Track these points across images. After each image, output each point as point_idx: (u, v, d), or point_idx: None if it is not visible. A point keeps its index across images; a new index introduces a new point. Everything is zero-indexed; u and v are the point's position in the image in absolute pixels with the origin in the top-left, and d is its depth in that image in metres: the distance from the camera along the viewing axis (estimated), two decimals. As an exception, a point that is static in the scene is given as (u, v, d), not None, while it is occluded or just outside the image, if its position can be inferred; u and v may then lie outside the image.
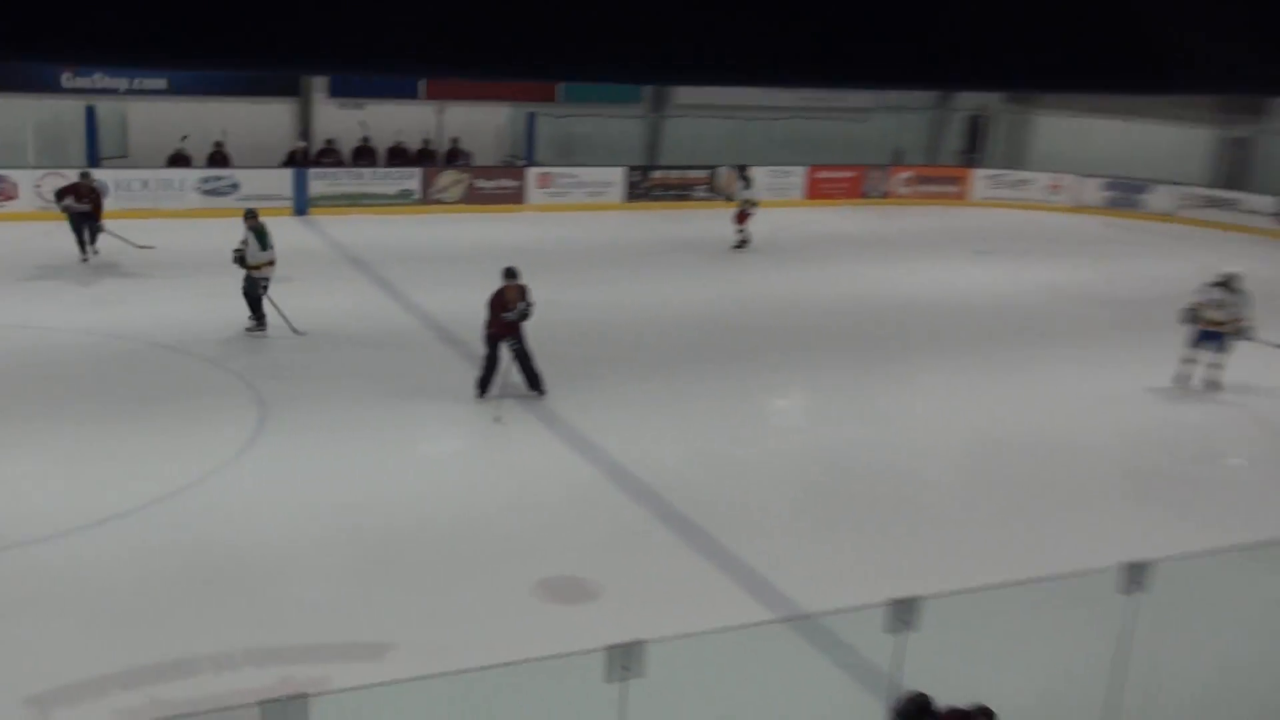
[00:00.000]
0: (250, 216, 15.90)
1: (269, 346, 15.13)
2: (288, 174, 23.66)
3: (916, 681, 6.54)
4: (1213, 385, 14.64)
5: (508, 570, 9.69)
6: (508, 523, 10.59)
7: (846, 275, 21.07)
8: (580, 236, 22.90)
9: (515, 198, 25.13)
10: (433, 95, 25.48)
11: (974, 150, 30.69)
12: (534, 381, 13.37)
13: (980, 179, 29.16)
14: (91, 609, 8.82)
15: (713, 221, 25.01)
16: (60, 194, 18.73)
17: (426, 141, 25.81)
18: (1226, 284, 14.50)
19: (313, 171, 23.86)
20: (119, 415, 12.56)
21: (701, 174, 26.73)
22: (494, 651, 5.63)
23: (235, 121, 24.14)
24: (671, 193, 26.49)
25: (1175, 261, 22.56)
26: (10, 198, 21.67)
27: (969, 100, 29.92)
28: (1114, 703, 6.42)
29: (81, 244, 18.62)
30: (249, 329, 15.71)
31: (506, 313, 13.02)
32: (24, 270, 18.32)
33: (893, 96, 28.24)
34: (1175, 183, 28.19)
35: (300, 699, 4.38)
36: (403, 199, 24.30)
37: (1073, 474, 12.62)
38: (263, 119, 24.62)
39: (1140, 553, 6.17)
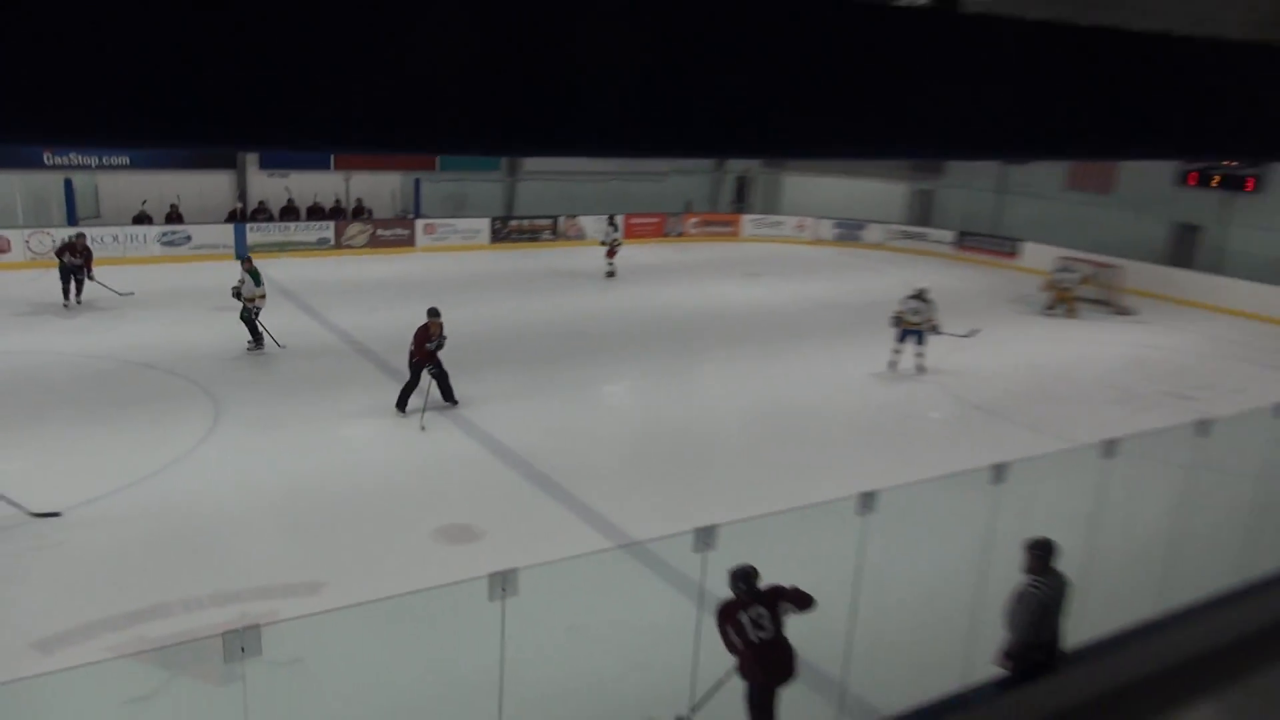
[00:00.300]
0: (246, 261, 15.35)
1: (223, 360, 14.49)
2: (229, 228, 22.82)
3: (718, 590, 6.64)
4: (920, 368, 15.25)
5: (413, 522, 9.53)
6: (412, 487, 10.42)
7: (657, 294, 21.29)
8: (459, 271, 22.62)
9: (408, 242, 24.71)
10: (341, 166, 24.94)
11: (742, 201, 31.33)
12: (448, 395, 12.94)
13: (747, 222, 29.76)
14: (82, 571, 8.41)
15: (556, 257, 25.03)
16: (60, 250, 17.55)
17: (338, 201, 25.21)
18: (919, 296, 15.14)
19: (249, 225, 23.05)
20: (97, 418, 11.91)
21: (546, 221, 26.71)
22: (404, 583, 5.52)
23: (186, 188, 23.24)
24: (525, 235, 26.42)
25: (886, 278, 23.44)
26: (4, 251, 20.37)
27: (736, 165, 30.63)
28: (855, 598, 6.62)
29: (65, 291, 17.39)
30: (249, 349, 15.07)
31: (429, 343, 12.55)
32: (15, 308, 17.21)
33: (683, 162, 28.79)
34: (883, 222, 29.27)
35: (254, 629, 4.22)
36: (321, 245, 23.69)
37: (821, 430, 13.01)
38: (208, 186, 23.77)
39: (870, 484, 6.36)
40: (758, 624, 5.99)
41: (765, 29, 2.90)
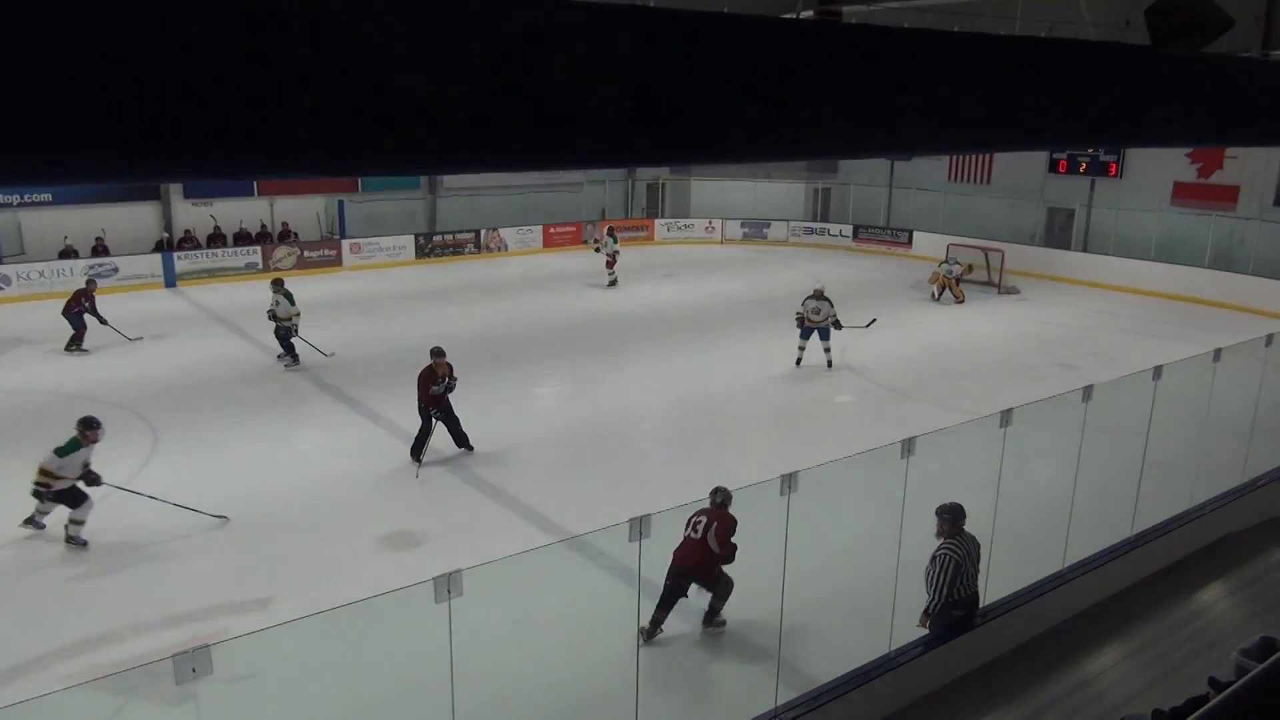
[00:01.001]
0: (278, 285, 15.26)
1: (158, 388, 14.01)
2: (157, 258, 22.06)
3: (656, 576, 6.67)
4: (828, 363, 15.38)
5: (357, 533, 9.37)
6: (354, 499, 10.23)
7: (578, 298, 21.23)
8: (386, 287, 22.25)
9: (335, 262, 24.23)
10: (264, 192, 24.30)
11: (654, 206, 31.48)
12: (461, 440, 11.35)
13: (660, 225, 29.89)
14: (30, 602, 8.06)
15: (479, 269, 24.80)
16: (79, 307, 16.09)
17: (264, 226, 24.56)
18: (818, 295, 15.33)
19: (177, 254, 22.33)
20: (37, 453, 11.40)
21: (469, 235, 26.45)
22: (352, 592, 5.42)
23: (111, 221, 22.33)
24: (449, 250, 26.10)
25: (792, 271, 23.81)
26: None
27: (646, 173, 30.74)
28: (784, 575, 6.71)
29: (78, 339, 16.02)
30: (286, 365, 15.04)
31: (435, 386, 11.18)
32: (-56, 348, 16.35)
33: (597, 172, 28.80)
34: (786, 219, 29.68)
35: (204, 649, 4.10)
36: (249, 269, 23.05)
37: (742, 419, 13.14)
38: (134, 218, 22.89)
39: (790, 467, 6.45)
40: (695, 527, 7.55)
41: (665, 44, 2.92)
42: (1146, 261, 22.81)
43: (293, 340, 15.13)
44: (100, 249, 21.88)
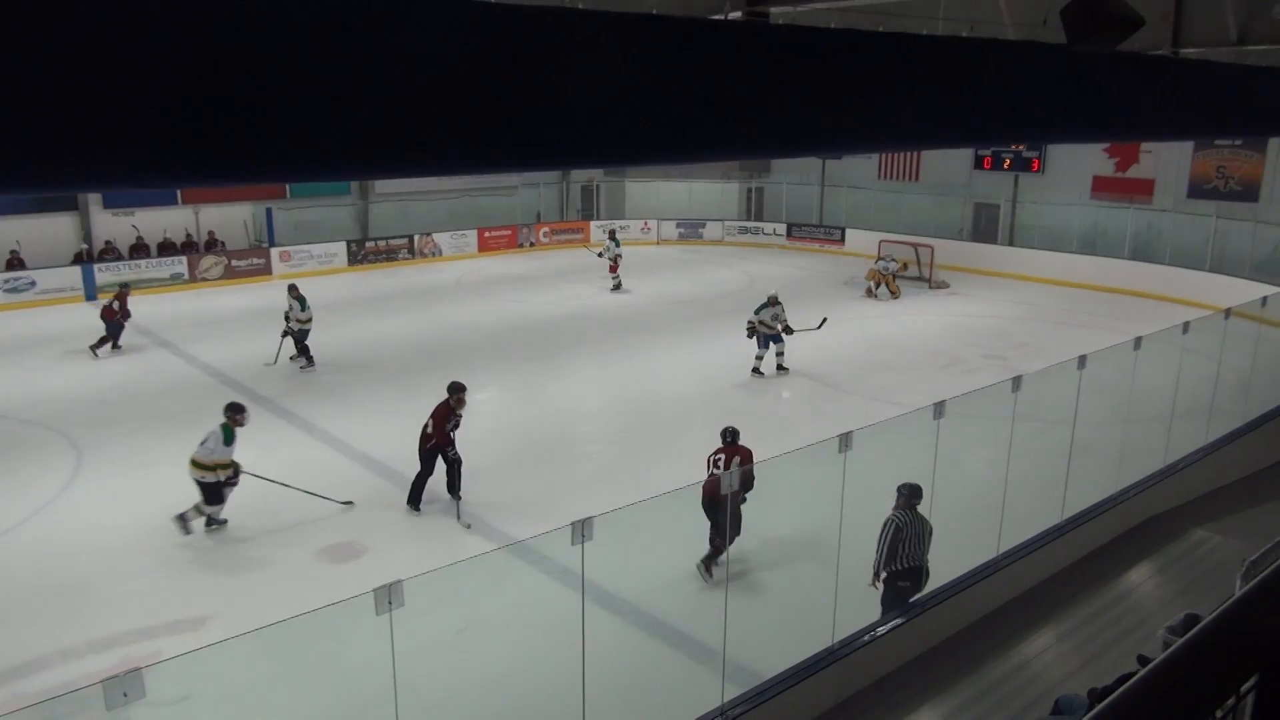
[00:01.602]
0: (293, 289, 15.69)
1: (80, 405, 13.55)
2: (77, 270, 21.32)
3: (600, 579, 6.65)
4: (780, 368, 15.38)
5: (293, 546, 9.19)
6: (289, 511, 10.00)
7: (516, 302, 21.10)
8: (318, 295, 21.70)
9: (264, 271, 23.70)
10: (189, 200, 23.62)
11: (589, 208, 31.45)
12: (455, 486, 10.12)
13: (596, 227, 29.86)
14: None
15: (413, 275, 24.50)
16: (112, 313, 16.36)
17: (189, 235, 23.90)
18: (773, 302, 15.30)
19: (98, 266, 21.61)
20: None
21: (402, 240, 26.10)
22: (290, 607, 5.30)
23: (27, 234, 21.50)
24: (382, 256, 25.72)
25: (728, 271, 23.98)
26: None
27: (580, 174, 30.69)
28: (727, 572, 6.75)
29: (106, 341, 16.27)
30: (302, 368, 15.38)
31: (449, 424, 10.03)
32: None
33: (531, 175, 28.67)
34: (720, 219, 29.89)
35: (135, 672, 3.97)
36: (175, 280, 22.45)
37: (680, 418, 13.18)
38: (51, 229, 22.03)
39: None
40: (716, 464, 8.68)
41: (600, 46, 2.92)
42: (1069, 254, 23.50)
43: (305, 343, 15.52)
44: (15, 262, 21.08)
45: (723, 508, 7.74)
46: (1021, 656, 7.62)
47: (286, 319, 15.59)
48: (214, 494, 9.38)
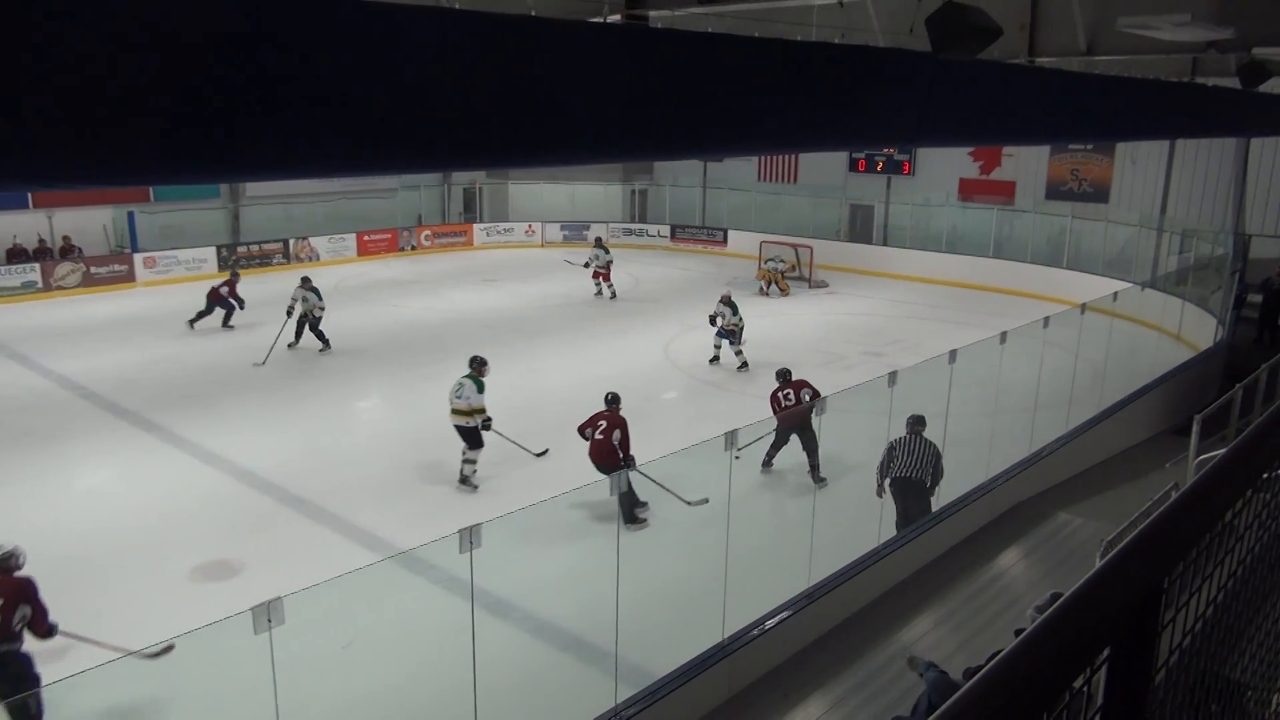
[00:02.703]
0: (307, 281, 16.69)
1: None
2: (-84, 279, 19.85)
3: (490, 587, 6.57)
4: (742, 366, 15.58)
5: (165, 566, 8.76)
6: (159, 530, 9.56)
7: (399, 308, 20.66)
8: (187, 303, 20.84)
9: (127, 278, 22.51)
10: (41, 203, 22.20)
11: (471, 211, 31.05)
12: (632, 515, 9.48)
13: (479, 230, 29.54)
14: None
15: (289, 280, 23.66)
16: (219, 294, 17.94)
17: (41, 241, 22.45)
18: (726, 301, 15.55)
19: (-62, 276, 20.15)
20: None
21: (277, 245, 25.21)
22: (162, 630, 5.05)
23: None
24: (255, 261, 24.73)
25: (614, 272, 23.98)
26: None
27: (462, 176, 30.26)
28: (619, 573, 6.77)
29: (225, 315, 17.91)
30: (320, 350, 16.43)
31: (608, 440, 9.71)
32: None
33: (411, 177, 28.07)
34: (605, 221, 29.96)
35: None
36: (27, 289, 21.07)
37: (568, 421, 13.08)
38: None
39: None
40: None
41: (472, 47, 2.89)
42: (939, 253, 24.53)
43: (319, 330, 16.52)
44: None
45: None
46: (904, 641, 7.90)
47: (289, 313, 16.30)
48: (475, 438, 10.67)
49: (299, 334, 16.55)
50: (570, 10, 13.73)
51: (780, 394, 11.09)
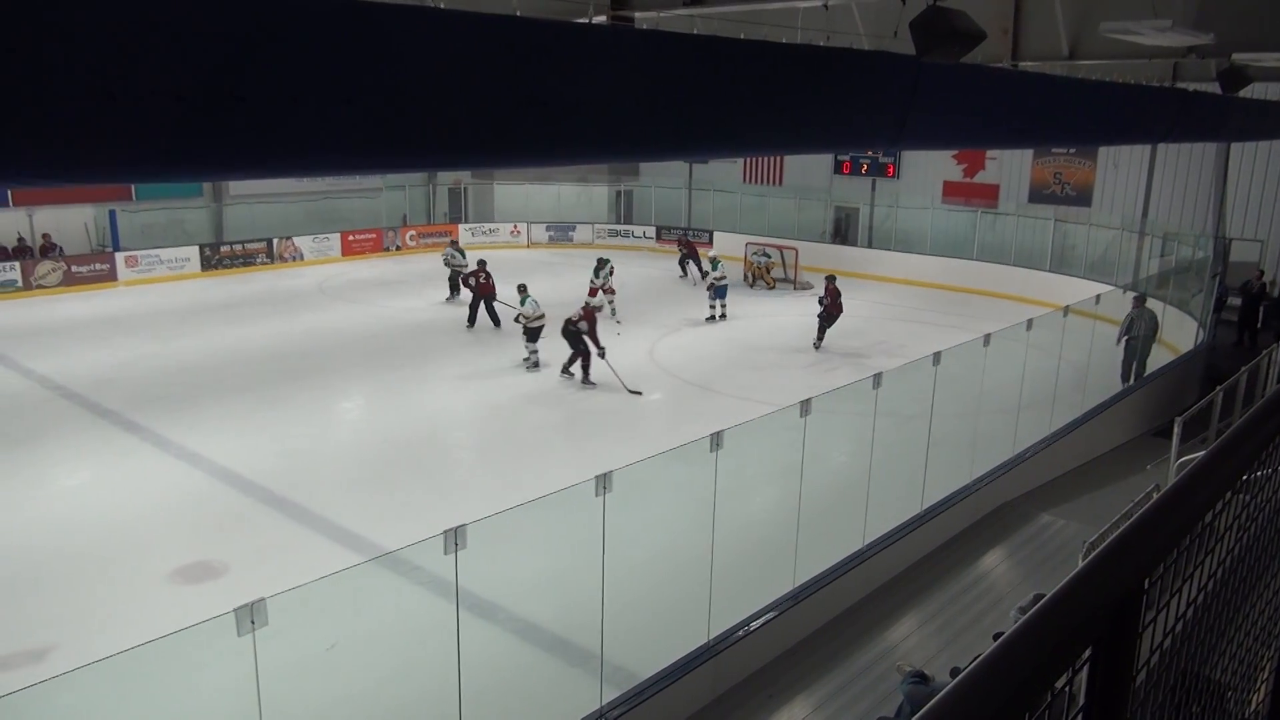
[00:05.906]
0: (454, 243, 19.30)
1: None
2: (-107, 277, 19.63)
3: (474, 588, 6.54)
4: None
5: (145, 568, 8.70)
6: (140, 531, 9.49)
7: (383, 307, 20.57)
8: (169, 302, 20.74)
9: (109, 277, 22.32)
10: (21, 201, 21.99)
11: (456, 210, 30.97)
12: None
13: (465, 230, 29.43)
14: None
15: (272, 280, 23.59)
16: (466, 279, 19.16)
17: (21, 239, 22.23)
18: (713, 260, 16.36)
19: (-83, 272, 19.94)
20: None
21: (260, 244, 25.07)
22: (144, 632, 5.00)
23: None
24: (239, 261, 24.61)
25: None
26: None
27: (447, 177, 30.18)
28: (603, 574, 6.77)
29: (471, 318, 18.68)
30: (447, 299, 19.58)
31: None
32: None
33: (396, 177, 27.99)
34: (591, 222, 29.97)
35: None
36: (7, 288, 20.88)
37: (552, 421, 13.11)
38: None
39: (604, 467, 6.50)
40: None
41: (456, 45, 2.89)
42: (923, 255, 24.63)
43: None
44: None
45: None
46: (888, 642, 7.93)
47: (447, 263, 19.26)
48: (534, 335, 15.07)
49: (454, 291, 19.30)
50: (554, 11, 13.72)
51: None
